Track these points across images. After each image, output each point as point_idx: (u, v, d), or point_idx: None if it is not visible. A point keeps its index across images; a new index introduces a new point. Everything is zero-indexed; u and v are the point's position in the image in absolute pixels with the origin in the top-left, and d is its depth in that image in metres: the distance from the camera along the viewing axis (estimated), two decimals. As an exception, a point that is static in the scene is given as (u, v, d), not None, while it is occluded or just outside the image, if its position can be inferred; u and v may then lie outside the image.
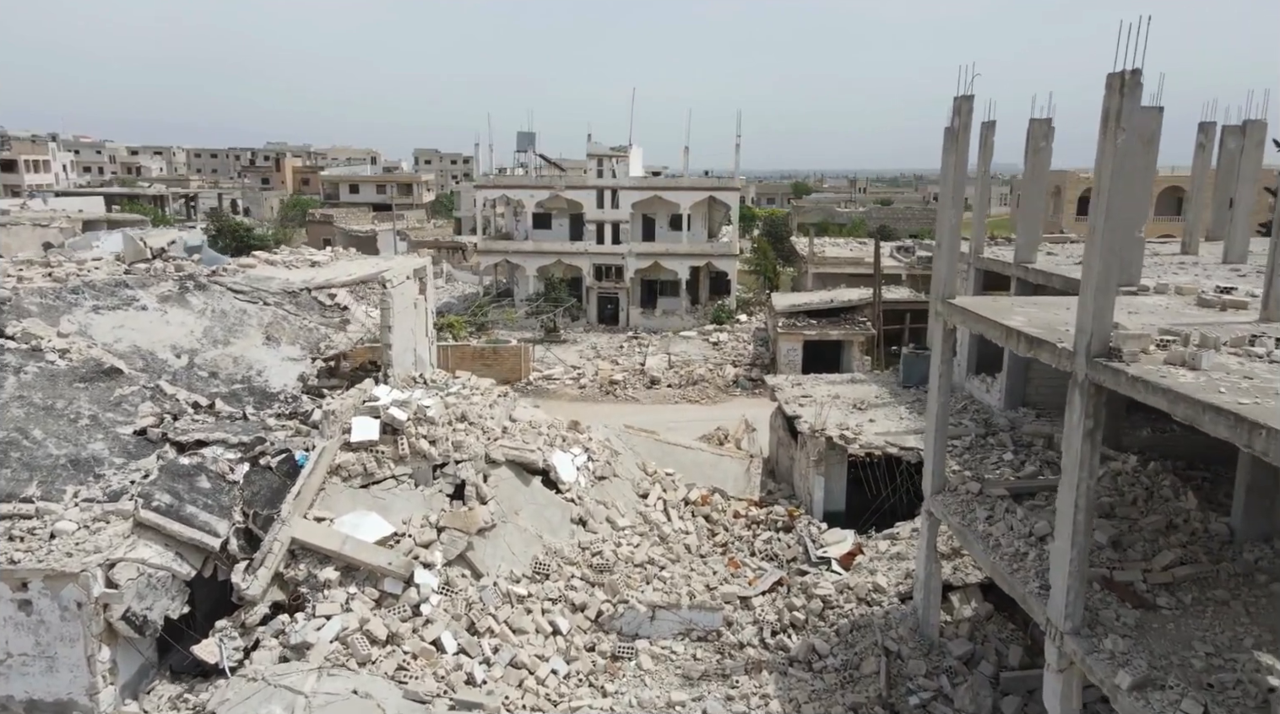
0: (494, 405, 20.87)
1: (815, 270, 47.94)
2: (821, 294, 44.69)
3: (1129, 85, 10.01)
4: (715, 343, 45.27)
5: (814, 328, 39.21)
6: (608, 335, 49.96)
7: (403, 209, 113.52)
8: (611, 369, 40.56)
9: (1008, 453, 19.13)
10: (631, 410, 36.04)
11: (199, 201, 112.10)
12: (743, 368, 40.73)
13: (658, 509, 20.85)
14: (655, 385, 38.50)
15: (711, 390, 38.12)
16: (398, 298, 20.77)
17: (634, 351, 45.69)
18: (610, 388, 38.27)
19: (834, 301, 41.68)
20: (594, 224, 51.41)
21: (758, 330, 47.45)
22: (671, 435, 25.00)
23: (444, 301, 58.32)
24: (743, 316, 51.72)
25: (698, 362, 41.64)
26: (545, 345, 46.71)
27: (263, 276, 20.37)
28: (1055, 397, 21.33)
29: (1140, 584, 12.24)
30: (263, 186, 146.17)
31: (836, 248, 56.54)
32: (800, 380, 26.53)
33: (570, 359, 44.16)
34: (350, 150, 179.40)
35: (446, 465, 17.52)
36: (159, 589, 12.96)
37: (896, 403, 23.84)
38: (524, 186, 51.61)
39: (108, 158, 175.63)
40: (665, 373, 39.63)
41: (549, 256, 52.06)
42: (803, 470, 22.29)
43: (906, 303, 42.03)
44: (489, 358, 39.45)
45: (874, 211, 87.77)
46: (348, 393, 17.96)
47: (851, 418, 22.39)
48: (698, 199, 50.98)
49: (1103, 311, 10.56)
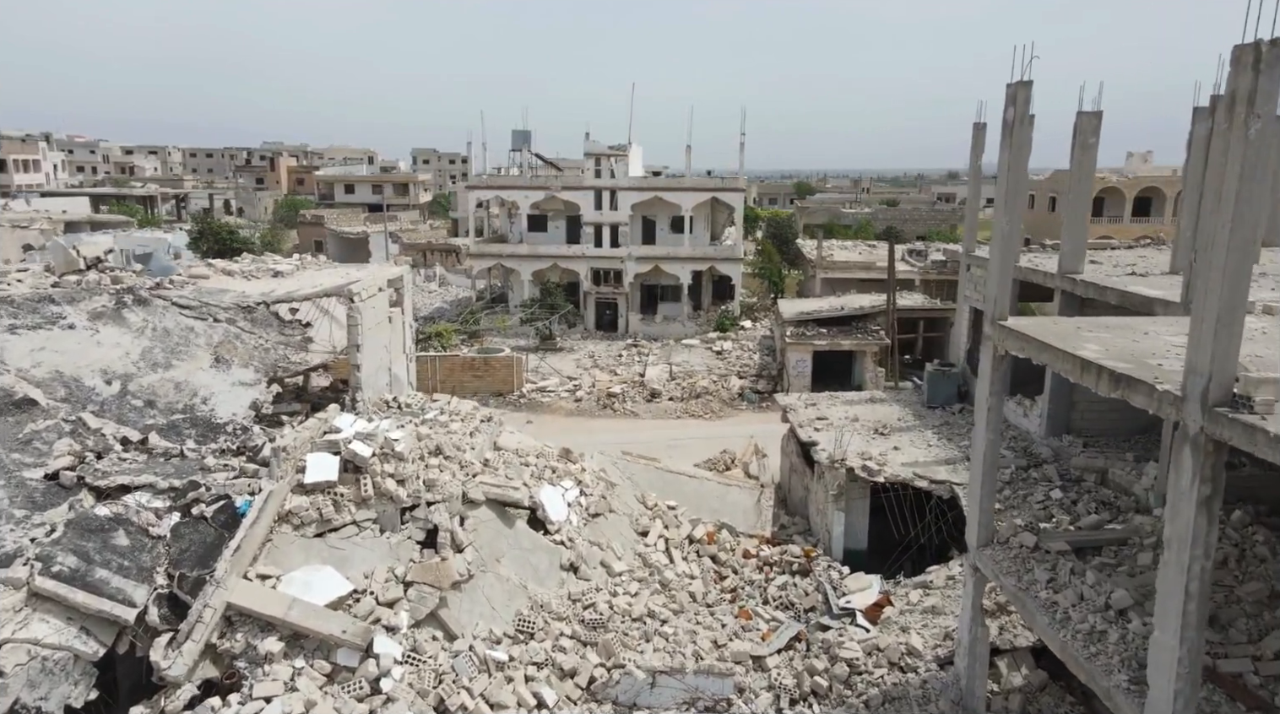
0: (476, 432, 18.63)
1: (824, 275, 45.71)
2: (831, 301, 42.46)
3: (1267, 59, 7.76)
4: (719, 352, 43.03)
5: (824, 337, 36.97)
6: (606, 343, 47.73)
7: (398, 210, 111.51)
8: (609, 381, 38.33)
9: (1054, 489, 16.88)
10: (630, 426, 33.83)
11: (190, 202, 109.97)
12: (748, 379, 38.49)
13: (659, 549, 18.62)
14: (656, 398, 36.27)
15: (716, 404, 35.88)
16: (368, 313, 18.54)
17: (633, 361, 43.46)
18: (608, 401, 36.03)
19: (844, 309, 39.44)
20: (592, 226, 49.18)
21: (763, 338, 45.21)
22: (674, 463, 22.76)
23: (436, 307, 56.15)
24: (747, 323, 49.48)
25: (700, 372, 39.41)
26: (540, 354, 44.50)
27: (215, 289, 18.12)
28: (1105, 423, 19.08)
29: (1252, 676, 10.00)
30: (257, 187, 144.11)
31: (845, 251, 54.32)
32: (814, 399, 24.28)
33: (566, 369, 41.93)
34: (347, 150, 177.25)
35: (417, 507, 15.29)
36: (57, 674, 10.75)
37: (922, 427, 21.59)
38: (518, 187, 49.38)
39: (101, 158, 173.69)
40: (666, 385, 37.40)
41: (545, 260, 49.83)
42: (820, 504, 20.04)
43: (921, 310, 39.83)
44: (480, 369, 37.24)
45: (880, 212, 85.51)
46: (305, 424, 15.71)
47: (874, 445, 20.15)
48: (700, 200, 48.76)
49: (1226, 350, 8.31)
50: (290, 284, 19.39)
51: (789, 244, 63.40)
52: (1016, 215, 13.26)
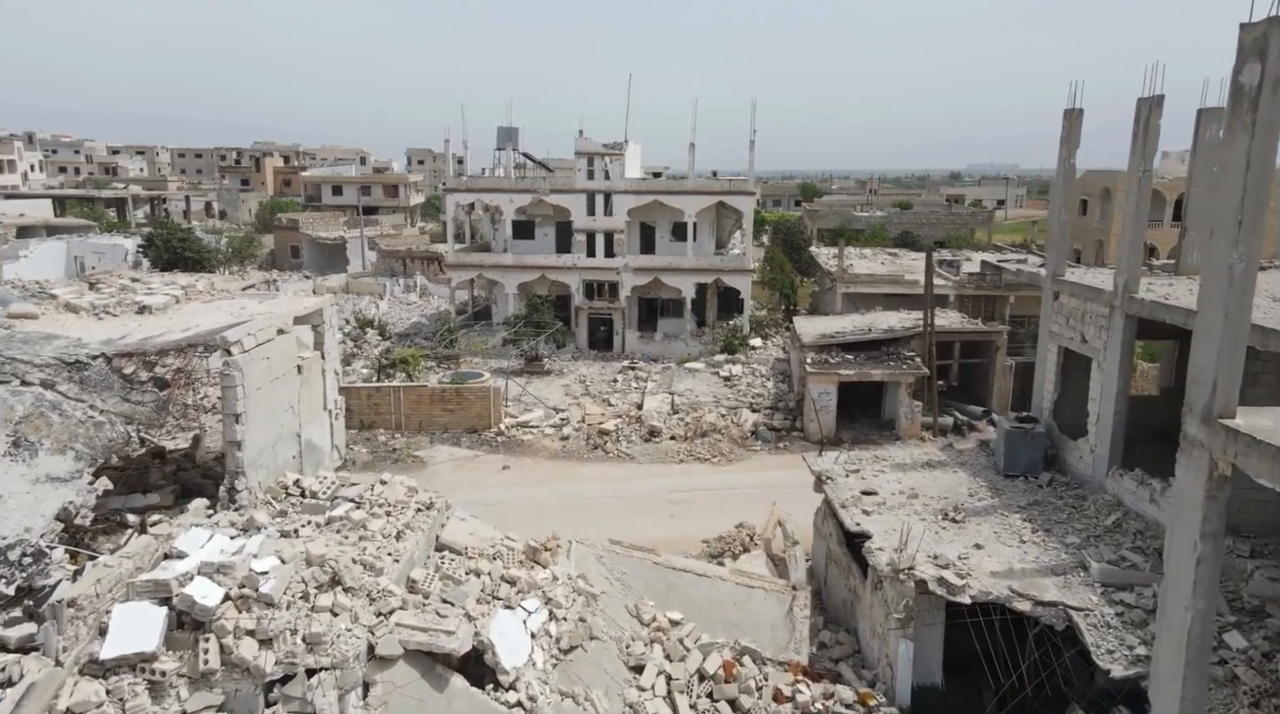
0: (407, 531, 13.47)
1: (845, 289, 40.55)
2: (854, 319, 37.28)
3: None
4: (727, 377, 37.86)
5: (851, 365, 31.78)
6: (600, 364, 42.57)
7: (388, 212, 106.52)
8: (602, 414, 33.14)
9: (1231, 631, 11.72)
10: (624, 473, 28.67)
11: (170, 204, 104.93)
12: (762, 412, 33.31)
13: (657, 694, 13.47)
14: (655, 437, 31.09)
15: (725, 444, 30.71)
16: (256, 366, 13.41)
17: (629, 386, 38.31)
18: (599, 441, 30.86)
19: (872, 331, 34.26)
20: (584, 234, 44.03)
21: (777, 361, 40.04)
22: (676, 556, 17.55)
23: (413, 321, 51.03)
24: (757, 341, 44.33)
25: (707, 404, 34.23)
26: (525, 378, 39.35)
27: (38, 335, 12.96)
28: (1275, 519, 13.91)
29: None
30: (242, 188, 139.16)
31: (865, 260, 49.17)
32: (856, 462, 19.06)
33: (553, 397, 36.77)
34: (340, 150, 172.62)
35: (291, 679, 10.14)
36: None
37: (1004, 509, 16.39)
38: (501, 190, 44.19)
39: (84, 158, 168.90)
40: (667, 420, 32.21)
41: (531, 272, 44.67)
42: (876, 624, 14.85)
43: (961, 332, 34.62)
44: (451, 402, 32.09)
45: (894, 216, 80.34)
46: (128, 549, 10.54)
47: (946, 539, 14.99)
48: (705, 205, 43.59)
49: None
50: (155, 325, 14.21)
51: (800, 251, 58.28)
52: (1251, 254, 8.01)
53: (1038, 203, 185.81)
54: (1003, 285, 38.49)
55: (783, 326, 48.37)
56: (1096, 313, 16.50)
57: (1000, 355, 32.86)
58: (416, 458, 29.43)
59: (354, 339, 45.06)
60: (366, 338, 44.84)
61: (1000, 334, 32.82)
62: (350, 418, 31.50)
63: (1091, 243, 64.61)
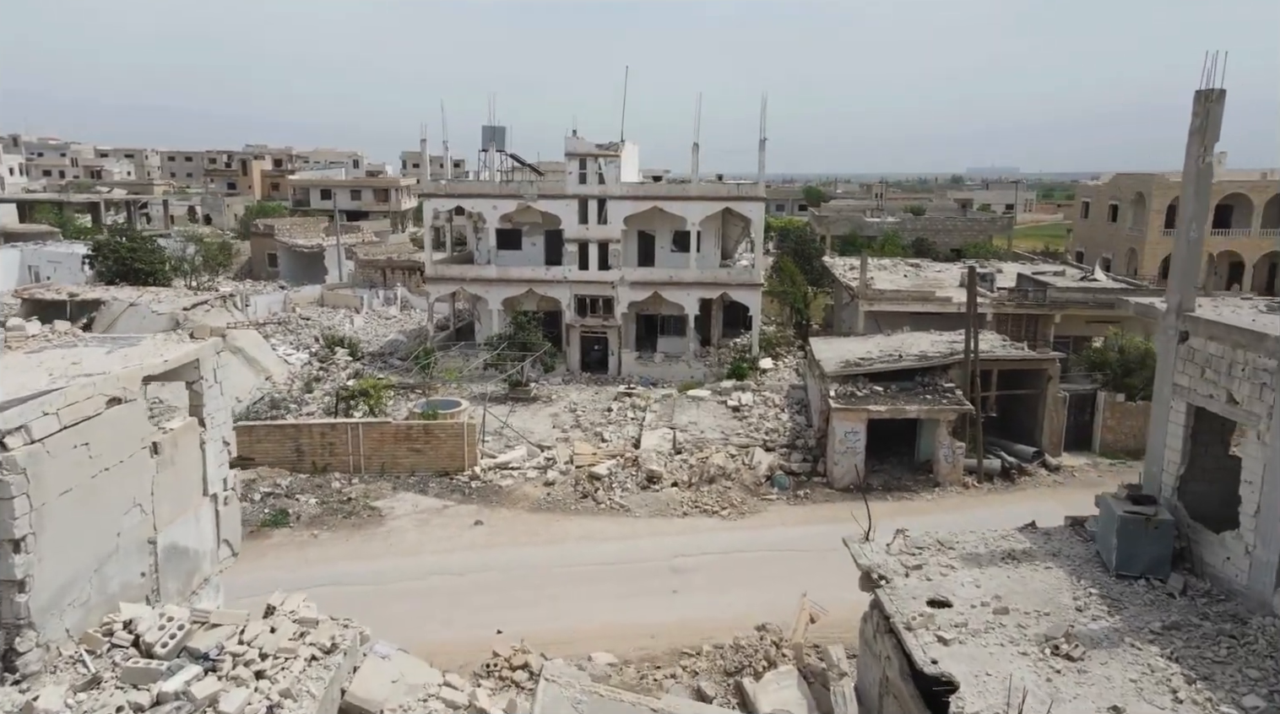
0: (285, 702, 9.04)
1: (868, 307, 36.16)
2: (880, 342, 32.90)
3: None
4: (736, 408, 33.45)
5: (881, 399, 27.38)
6: (593, 389, 38.21)
7: (380, 216, 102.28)
8: (593, 454, 28.74)
9: None
10: (617, 529, 24.26)
11: (151, 209, 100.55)
12: (778, 452, 28.89)
13: None
14: (655, 483, 26.68)
15: (736, 492, 26.29)
16: (62, 461, 9.04)
17: (625, 416, 33.94)
18: (590, 487, 26.45)
19: (903, 357, 29.89)
20: (575, 244, 39.67)
21: (792, 388, 35.63)
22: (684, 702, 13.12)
23: (389, 339, 46.67)
24: (767, 362, 39.99)
25: (714, 440, 29.82)
26: (509, 406, 35.01)
27: None
28: None
29: None
30: (229, 192, 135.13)
31: (885, 271, 44.80)
32: (917, 552, 14.59)
33: (539, 429, 32.40)
34: (333, 153, 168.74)
35: None
36: None
37: (1131, 634, 11.93)
38: (484, 195, 39.83)
39: (70, 160, 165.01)
40: (669, 463, 27.80)
41: (518, 286, 40.32)
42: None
43: (1002, 360, 30.15)
44: (418, 440, 27.69)
45: (908, 222, 76.03)
46: None
47: (1066, 694, 10.56)
48: (710, 212, 39.23)
49: None
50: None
51: (811, 261, 53.93)
52: None
53: (1046, 207, 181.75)
54: (1046, 302, 34.10)
55: (794, 345, 44.01)
56: (1255, 366, 12.09)
57: (1053, 386, 28.47)
58: (374, 511, 25.03)
59: (321, 360, 40.70)
60: (335, 359, 40.48)
61: (1053, 362, 28.44)
62: (301, 460, 27.17)
63: (1123, 251, 60.37)
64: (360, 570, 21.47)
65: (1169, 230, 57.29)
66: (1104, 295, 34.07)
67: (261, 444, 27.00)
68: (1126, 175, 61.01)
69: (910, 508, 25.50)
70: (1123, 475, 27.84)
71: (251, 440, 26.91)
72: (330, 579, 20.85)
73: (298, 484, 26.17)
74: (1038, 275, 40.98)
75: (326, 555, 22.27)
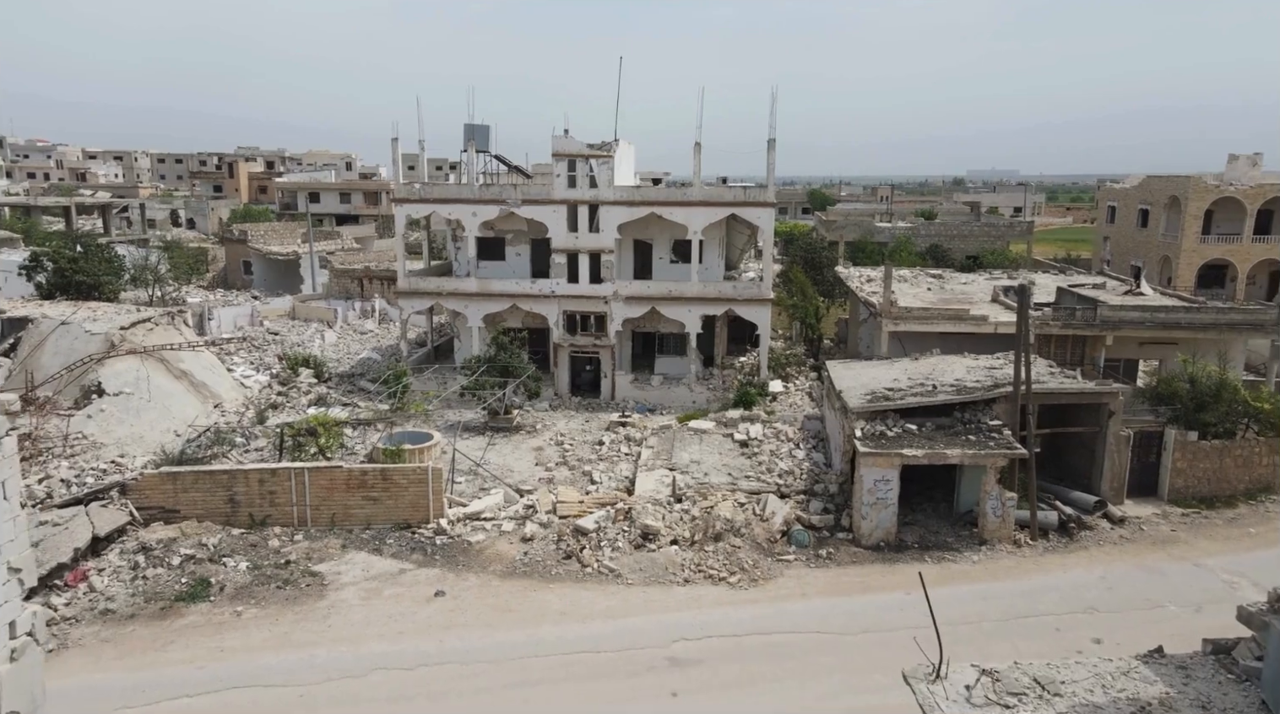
0: None
1: (893, 327, 32.15)
2: (908, 368, 28.94)
3: None
4: (744, 443, 29.43)
5: (916, 440, 23.38)
6: (583, 416, 34.23)
7: (370, 219, 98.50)
8: (580, 502, 24.74)
9: None
10: (605, 603, 20.23)
11: (131, 213, 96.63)
12: (794, 500, 24.87)
13: None
14: (651, 541, 22.66)
15: (748, 552, 22.27)
16: None
17: (619, 451, 29.95)
18: (575, 545, 22.44)
19: (937, 388, 25.90)
20: (564, 254, 35.68)
21: (807, 419, 31.60)
22: None
23: (363, 356, 42.67)
24: (777, 384, 36.00)
25: (720, 484, 25.80)
26: (489, 436, 31.06)
27: None
28: None
29: None
30: (214, 195, 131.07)
31: (905, 283, 40.77)
32: (1012, 706, 10.56)
33: (520, 467, 28.44)
34: (327, 155, 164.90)
35: None
36: None
37: None
38: (462, 201, 35.80)
39: (54, 163, 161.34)
40: (667, 514, 23.76)
41: (500, 301, 36.33)
42: None
43: (1057, 393, 26.12)
44: (375, 487, 23.69)
45: (921, 227, 72.00)
46: None
47: None
48: (714, 219, 35.24)
49: None
50: None
51: (823, 270, 49.94)
52: None
53: (1055, 209, 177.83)
54: (1098, 322, 30.07)
55: (806, 365, 40.02)
56: None
57: (1115, 423, 24.46)
58: (315, 578, 21.00)
59: (283, 383, 36.69)
60: (298, 382, 36.48)
61: (1115, 396, 24.43)
62: (235, 512, 23.17)
63: (1155, 258, 56.35)
64: (288, 664, 17.46)
65: (1206, 237, 53.35)
66: (1166, 314, 30.04)
67: (188, 494, 22.99)
68: (1159, 177, 57.02)
69: (955, 573, 21.51)
70: (1200, 529, 23.85)
71: (176, 490, 22.92)
72: (247, 678, 16.87)
73: (228, 543, 22.16)
74: (1074, 288, 36.99)
75: (248, 643, 18.23)
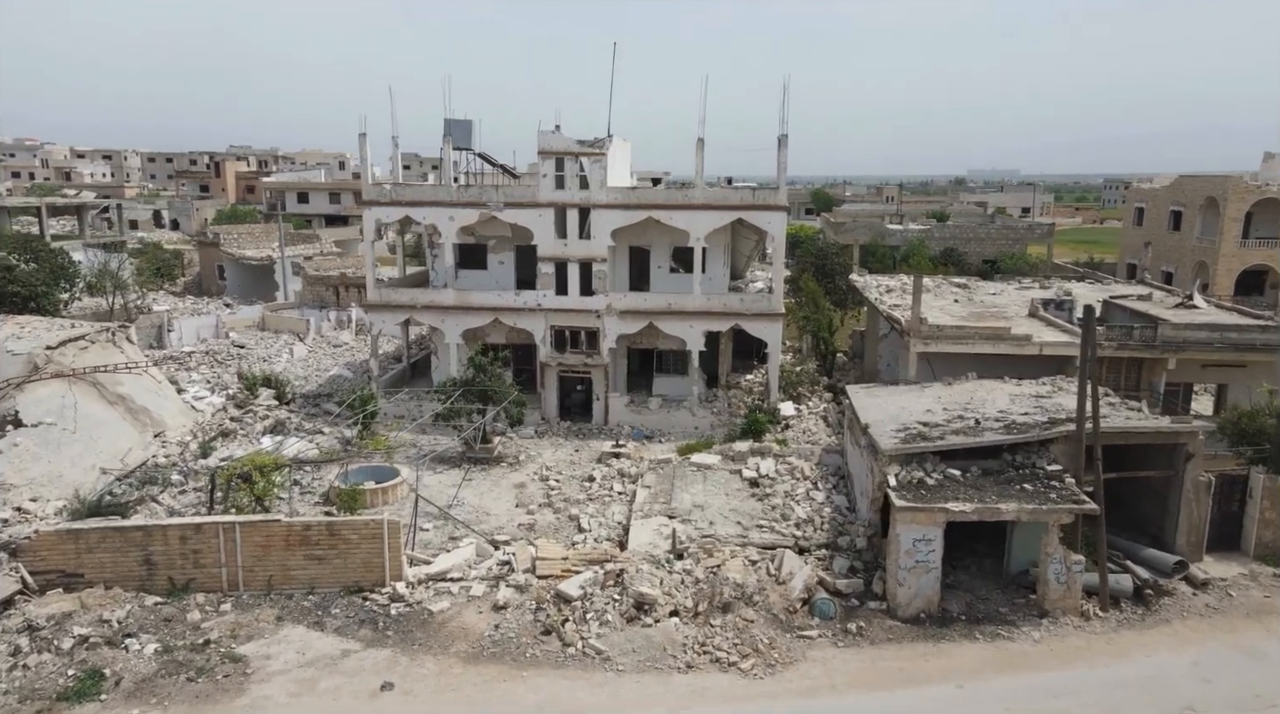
0: None
1: (922, 348, 28.44)
2: (941, 395, 25.26)
3: None
4: (754, 481, 25.71)
5: (962, 489, 19.67)
6: (573, 444, 30.57)
7: (360, 220, 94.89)
8: (564, 559, 21.02)
9: None
10: (592, 696, 16.51)
11: (111, 213, 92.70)
12: (816, 555, 21.16)
13: None
14: (646, 612, 18.94)
15: (763, 627, 18.55)
16: None
17: (611, 490, 26.30)
18: (557, 617, 18.73)
19: (981, 424, 22.17)
20: (552, 263, 31.98)
21: (826, 451, 27.86)
22: None
23: (333, 373, 38.99)
24: (788, 406, 32.32)
25: (728, 535, 22.10)
26: (466, 468, 27.43)
27: None
28: None
29: None
30: (201, 195, 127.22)
31: (928, 295, 36.95)
32: None
33: (498, 509, 24.81)
34: (320, 154, 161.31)
35: None
36: None
37: None
38: (437, 203, 32.07)
39: (40, 162, 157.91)
40: (666, 577, 20.03)
41: (481, 314, 32.62)
42: None
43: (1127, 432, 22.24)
44: (320, 544, 19.98)
45: (934, 230, 68.33)
46: None
47: None
48: (718, 224, 31.53)
49: None
50: None
51: (835, 278, 46.22)
52: None
53: (1063, 209, 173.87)
54: (1158, 343, 26.36)
55: (820, 384, 36.31)
56: None
57: (1194, 466, 20.74)
58: (238, 664, 17.27)
59: (240, 405, 32.98)
60: (255, 405, 32.77)
61: (1194, 436, 20.68)
62: (152, 576, 19.48)
63: (1189, 263, 52.65)
64: (184, 794, 13.77)
65: (1247, 241, 49.72)
66: (1239, 334, 26.33)
67: (93, 555, 19.28)
68: (1193, 177, 53.38)
69: (1013, 656, 17.79)
70: (1299, 597, 20.07)
71: (79, 550, 19.22)
72: (128, 819, 13.18)
73: (137, 617, 18.44)
74: (1117, 299, 33.27)
75: (139, 763, 14.55)
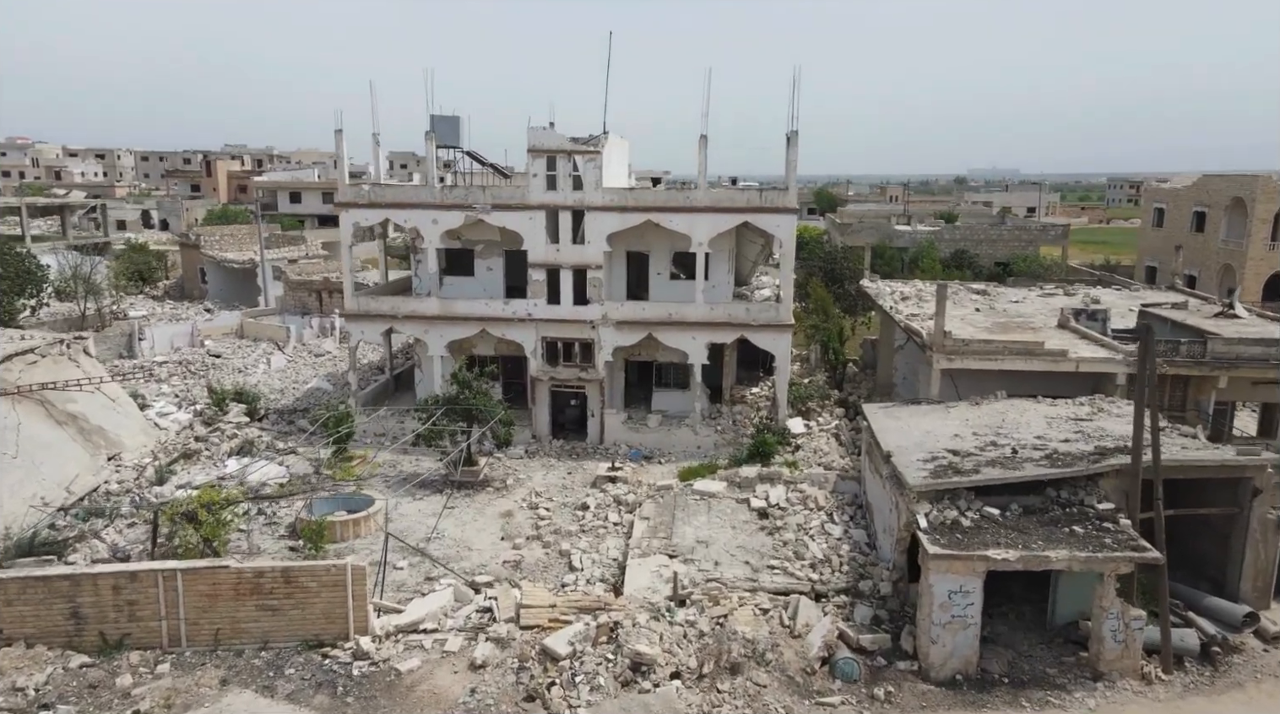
0: None
1: (946, 364, 26.05)
2: (970, 416, 22.92)
3: None
4: (763, 512, 23.34)
5: (1000, 531, 17.31)
6: (566, 466, 28.23)
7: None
8: (552, 606, 18.65)
9: None
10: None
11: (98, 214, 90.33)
12: (834, 602, 18.78)
13: None
14: (643, 674, 16.57)
15: (776, 693, 16.19)
16: None
17: (606, 520, 23.96)
18: (541, 680, 16.37)
19: (1018, 455, 19.77)
20: (543, 270, 29.60)
21: (841, 479, 25.47)
22: None
23: (312, 386, 36.58)
24: (797, 422, 29.99)
25: (736, 578, 19.73)
26: (448, 494, 25.09)
27: None
28: None
29: None
30: (191, 195, 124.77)
31: (951, 304, 34.53)
32: None
33: (481, 544, 22.47)
34: (316, 153, 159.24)
35: None
36: None
37: None
38: (419, 205, 29.67)
39: (31, 160, 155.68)
40: (666, 633, 17.64)
41: (467, 324, 30.24)
42: None
43: (1185, 465, 19.78)
44: (274, 593, 17.61)
45: (944, 231, 65.93)
46: None
47: None
48: (723, 227, 29.16)
49: None
50: None
51: (844, 283, 43.87)
52: None
53: (1067, 209, 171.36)
54: (1208, 359, 23.98)
55: (831, 398, 33.95)
56: None
57: (1261, 504, 18.37)
58: (171, 742, 14.93)
59: (207, 422, 30.60)
60: (223, 422, 30.39)
61: (1263, 469, 18.31)
62: (82, 631, 17.11)
63: (1214, 267, 50.27)
64: None
65: (1276, 243, 47.34)
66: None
67: (14, 608, 16.91)
68: (1218, 177, 51.01)
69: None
70: (1388, 657, 17.67)
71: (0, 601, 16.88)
72: None
73: (59, 683, 16.08)
74: (1150, 308, 30.89)
75: None
